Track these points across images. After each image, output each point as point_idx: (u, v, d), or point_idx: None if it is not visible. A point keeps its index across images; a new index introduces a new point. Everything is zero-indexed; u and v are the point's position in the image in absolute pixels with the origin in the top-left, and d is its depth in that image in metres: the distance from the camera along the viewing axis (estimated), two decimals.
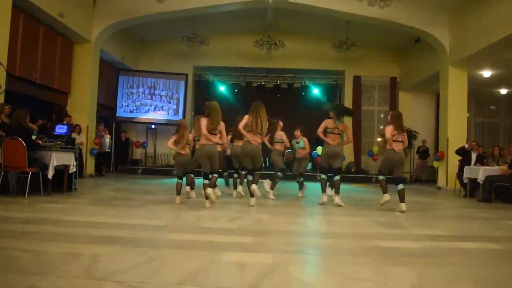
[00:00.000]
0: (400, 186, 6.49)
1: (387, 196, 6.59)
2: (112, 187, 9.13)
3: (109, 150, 14.02)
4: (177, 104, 16.00)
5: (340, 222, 5.32)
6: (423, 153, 15.59)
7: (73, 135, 10.35)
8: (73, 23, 11.07)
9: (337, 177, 6.96)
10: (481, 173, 8.79)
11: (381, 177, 6.83)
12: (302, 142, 8.31)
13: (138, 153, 16.35)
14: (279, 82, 17.06)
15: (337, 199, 6.88)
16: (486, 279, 2.91)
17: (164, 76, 15.98)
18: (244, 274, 2.81)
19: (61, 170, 7.25)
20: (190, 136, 7.05)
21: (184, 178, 7.10)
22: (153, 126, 16.53)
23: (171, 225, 4.60)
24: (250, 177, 6.70)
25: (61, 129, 7.98)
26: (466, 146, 10.37)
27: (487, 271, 3.14)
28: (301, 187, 8.50)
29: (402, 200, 6.42)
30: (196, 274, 2.77)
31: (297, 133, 8.39)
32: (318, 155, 14.67)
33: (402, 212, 6.30)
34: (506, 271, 3.15)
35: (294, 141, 8.39)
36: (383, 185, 6.73)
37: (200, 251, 3.45)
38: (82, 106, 12.03)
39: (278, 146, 8.11)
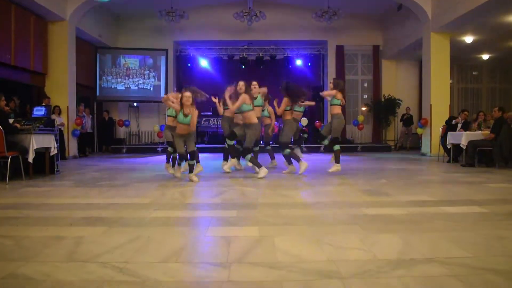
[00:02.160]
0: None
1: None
2: (96, 168, 9.02)
3: (92, 131, 13.84)
4: (159, 80, 15.75)
5: (325, 192, 5.33)
6: (407, 120, 15.68)
7: (53, 116, 10.15)
8: (46, 1, 10.69)
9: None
10: (464, 138, 8.88)
11: (338, 147, 7.14)
12: (267, 110, 8.20)
13: (121, 132, 16.16)
14: (262, 54, 16.87)
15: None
16: (469, 242, 2.94)
17: (143, 53, 15.67)
18: (230, 248, 2.79)
19: (42, 153, 7.11)
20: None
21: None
22: (135, 104, 16.30)
23: (156, 203, 4.55)
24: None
25: (39, 111, 7.79)
26: (459, 118, 10.41)
27: (470, 234, 3.17)
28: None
29: (337, 160, 7.08)
30: (181, 250, 2.75)
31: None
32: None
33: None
34: (489, 233, 3.19)
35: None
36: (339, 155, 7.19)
37: (185, 228, 3.42)
38: (60, 87, 11.75)
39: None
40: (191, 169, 6.45)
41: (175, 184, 6.11)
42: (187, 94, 6.27)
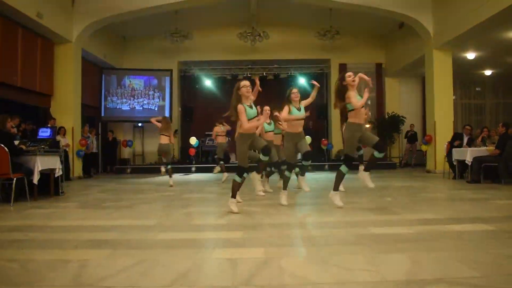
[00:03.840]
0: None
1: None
2: (101, 188, 9.02)
3: (96, 151, 13.89)
4: (164, 101, 15.85)
5: (331, 211, 5.29)
6: (411, 137, 15.65)
7: (58, 137, 10.20)
8: (52, 23, 10.87)
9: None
10: (469, 154, 8.84)
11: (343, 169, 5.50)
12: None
13: (126, 152, 16.20)
14: (265, 73, 16.97)
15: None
16: (477, 261, 2.90)
17: (148, 73, 15.82)
18: (236, 270, 2.77)
19: (47, 174, 7.13)
20: None
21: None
22: (140, 124, 16.37)
23: (161, 225, 4.54)
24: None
25: (44, 133, 7.83)
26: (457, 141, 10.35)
27: (478, 253, 3.13)
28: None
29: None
30: (187, 273, 2.72)
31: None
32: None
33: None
34: (497, 251, 3.15)
35: None
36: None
37: (191, 250, 3.40)
38: (66, 108, 11.86)
39: None
40: None
41: (180, 205, 6.09)
42: None
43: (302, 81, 16.98)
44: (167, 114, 15.69)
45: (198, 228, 4.35)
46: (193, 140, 14.50)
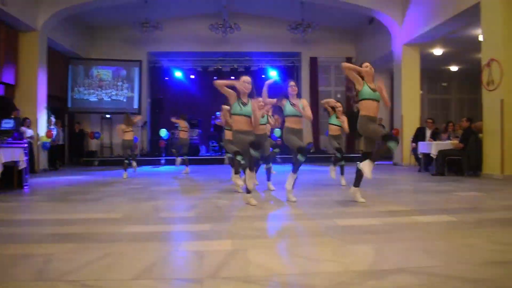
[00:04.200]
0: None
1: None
2: (67, 181, 8.84)
3: (63, 143, 13.57)
4: (132, 92, 15.60)
5: (299, 203, 5.34)
6: None
7: (22, 128, 9.92)
8: (16, 10, 10.49)
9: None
10: (434, 148, 9.09)
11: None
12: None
13: (93, 144, 15.90)
14: (236, 65, 16.92)
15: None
16: (439, 251, 3.00)
17: (117, 64, 15.52)
18: (203, 262, 2.77)
19: (10, 167, 6.93)
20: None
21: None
22: (108, 116, 16.08)
23: (128, 217, 4.49)
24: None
25: (7, 124, 7.59)
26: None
27: (440, 243, 3.23)
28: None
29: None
30: (154, 266, 2.70)
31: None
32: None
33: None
34: (458, 241, 3.26)
35: None
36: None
37: (158, 242, 3.38)
38: (31, 99, 11.51)
39: None
40: None
41: (148, 198, 6.04)
42: None
43: (273, 73, 17.02)
44: (135, 105, 15.48)
45: (166, 221, 4.32)
46: (163, 132, 14.37)
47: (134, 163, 9.81)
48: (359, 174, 5.26)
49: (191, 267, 2.73)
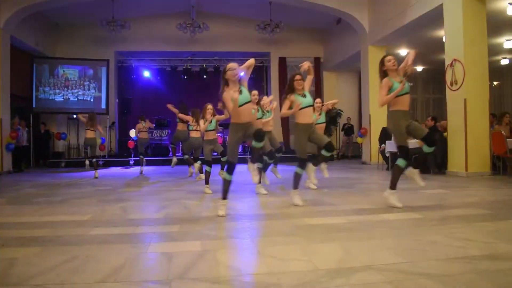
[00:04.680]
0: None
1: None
2: (32, 183, 8.59)
3: (27, 144, 13.19)
4: (100, 92, 15.29)
5: (268, 203, 5.37)
6: (348, 130, 16.15)
7: None
8: None
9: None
10: None
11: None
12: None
13: (60, 145, 15.52)
14: (205, 65, 16.85)
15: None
16: (405, 248, 3.07)
17: (83, 63, 15.15)
18: (171, 264, 2.75)
19: None
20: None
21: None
22: (74, 116, 15.71)
23: (96, 220, 4.41)
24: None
25: None
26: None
27: (406, 240, 3.31)
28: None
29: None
30: (121, 269, 2.67)
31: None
32: None
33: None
34: (423, 238, 3.35)
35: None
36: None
37: (126, 245, 3.33)
38: None
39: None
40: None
41: (116, 199, 5.94)
42: None
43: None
44: (103, 105, 15.19)
45: (134, 223, 4.26)
46: (132, 133, 14.15)
47: (87, 162, 9.93)
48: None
49: (159, 269, 2.70)
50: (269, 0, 13.26)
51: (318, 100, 6.98)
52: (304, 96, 5.15)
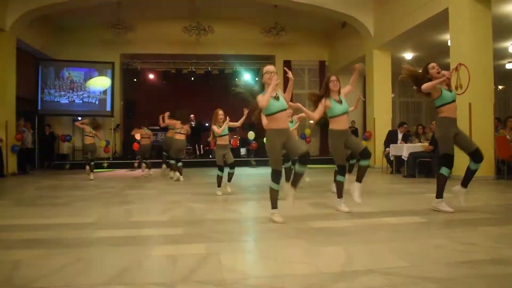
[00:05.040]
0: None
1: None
2: (37, 185, 8.63)
3: (32, 146, 13.26)
4: (105, 94, 15.36)
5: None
6: (352, 133, 16.09)
7: None
8: None
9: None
10: (405, 150, 9.27)
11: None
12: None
13: (65, 147, 15.58)
14: (210, 68, 16.91)
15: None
16: (408, 251, 3.07)
17: (89, 65, 15.26)
18: (176, 267, 2.76)
19: None
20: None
21: None
22: (79, 118, 15.76)
23: (100, 222, 4.43)
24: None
25: None
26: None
27: (410, 244, 3.31)
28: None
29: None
30: (125, 271, 2.68)
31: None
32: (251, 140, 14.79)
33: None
34: (427, 242, 3.34)
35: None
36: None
37: (130, 247, 3.34)
38: None
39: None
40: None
41: (120, 202, 5.96)
42: None
43: (247, 76, 17.07)
44: (108, 108, 15.28)
45: (138, 225, 4.27)
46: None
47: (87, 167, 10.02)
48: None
49: (164, 271, 2.71)
50: (274, 3, 13.29)
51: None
52: (340, 102, 5.07)
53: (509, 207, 4.95)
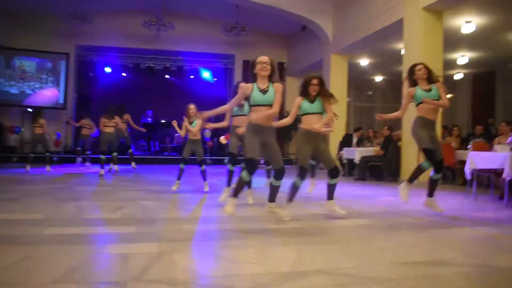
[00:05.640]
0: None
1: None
2: None
3: None
4: (58, 86, 14.89)
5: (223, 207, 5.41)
6: None
7: None
8: None
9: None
10: (357, 154, 9.56)
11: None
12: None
13: (12, 139, 14.95)
14: (169, 64, 16.74)
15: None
16: (355, 253, 3.22)
17: (42, 55, 14.74)
18: (127, 265, 2.76)
19: None
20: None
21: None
22: (30, 110, 15.20)
23: (50, 218, 4.33)
24: None
25: None
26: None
27: (356, 246, 3.46)
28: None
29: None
30: (76, 270, 2.66)
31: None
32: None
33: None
34: (373, 244, 3.51)
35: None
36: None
37: (81, 245, 3.31)
38: None
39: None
40: None
41: (71, 198, 5.83)
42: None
43: (206, 74, 17.04)
44: (61, 100, 14.82)
45: (90, 223, 4.22)
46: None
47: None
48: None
49: (115, 270, 2.71)
50: (235, 3, 13.34)
51: None
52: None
53: (451, 211, 5.22)
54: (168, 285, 2.42)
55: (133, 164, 10.50)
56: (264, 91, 4.17)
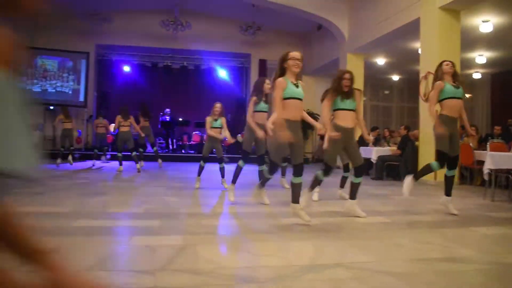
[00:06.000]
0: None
1: None
2: None
3: None
4: (78, 84, 15.19)
5: (245, 203, 5.54)
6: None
7: None
8: None
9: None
10: (374, 153, 9.60)
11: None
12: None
13: (35, 137, 15.27)
14: (186, 63, 16.92)
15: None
16: (372, 249, 3.31)
17: (63, 54, 15.04)
18: (154, 256, 2.90)
19: None
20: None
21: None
22: (51, 107, 15.55)
23: (77, 212, 4.51)
24: None
25: None
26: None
27: (374, 242, 3.55)
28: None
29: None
30: (106, 259, 2.81)
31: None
32: None
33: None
34: (390, 241, 3.59)
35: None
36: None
37: (109, 237, 3.46)
38: None
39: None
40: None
41: (95, 193, 6.02)
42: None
43: (222, 73, 17.18)
44: (81, 98, 15.13)
45: (115, 216, 4.38)
46: (112, 127, 14.10)
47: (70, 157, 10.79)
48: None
49: (143, 260, 2.85)
50: (252, 2, 13.45)
51: None
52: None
53: (468, 211, 5.27)
54: (194, 274, 2.55)
55: (159, 161, 10.78)
56: (296, 86, 4.28)
